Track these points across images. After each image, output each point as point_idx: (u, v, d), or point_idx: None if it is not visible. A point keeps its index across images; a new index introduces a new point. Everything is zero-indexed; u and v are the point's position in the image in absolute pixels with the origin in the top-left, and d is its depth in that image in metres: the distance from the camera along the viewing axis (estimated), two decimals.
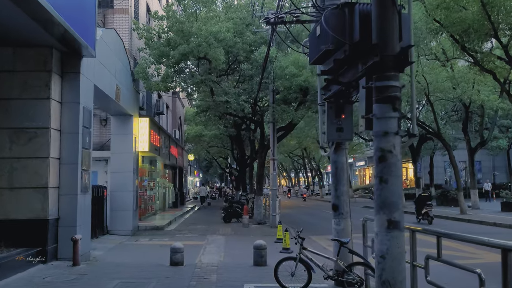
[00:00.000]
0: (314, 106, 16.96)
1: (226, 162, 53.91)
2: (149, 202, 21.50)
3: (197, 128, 37.05)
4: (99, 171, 16.58)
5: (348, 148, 7.75)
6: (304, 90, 16.65)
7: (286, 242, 12.24)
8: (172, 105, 31.30)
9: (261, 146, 19.00)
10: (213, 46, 15.44)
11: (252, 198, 23.18)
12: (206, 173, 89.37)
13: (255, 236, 15.73)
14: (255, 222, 18.77)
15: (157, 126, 19.76)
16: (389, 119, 5.37)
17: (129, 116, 15.88)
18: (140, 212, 19.20)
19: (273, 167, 17.52)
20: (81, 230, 9.91)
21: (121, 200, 15.55)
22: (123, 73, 14.66)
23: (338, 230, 7.43)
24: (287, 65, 16.22)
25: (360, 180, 64.18)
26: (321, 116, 7.98)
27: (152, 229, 17.01)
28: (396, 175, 5.33)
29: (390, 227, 5.26)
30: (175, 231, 17.05)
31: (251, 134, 23.12)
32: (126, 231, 15.55)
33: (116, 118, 15.85)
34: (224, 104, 16.99)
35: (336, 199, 7.53)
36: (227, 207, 20.98)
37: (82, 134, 10.07)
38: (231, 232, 16.69)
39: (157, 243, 13.94)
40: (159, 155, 19.98)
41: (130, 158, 15.82)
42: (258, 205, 18.74)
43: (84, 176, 10.28)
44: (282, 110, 16.59)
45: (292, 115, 16.59)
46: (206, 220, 21.77)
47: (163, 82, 16.09)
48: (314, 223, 21.35)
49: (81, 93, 10.02)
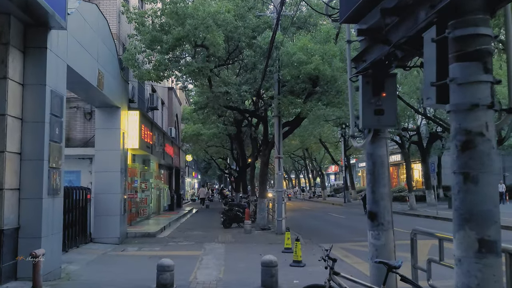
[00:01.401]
0: (325, 97, 15.14)
1: (225, 163, 52.04)
2: (141, 205, 19.61)
3: (195, 127, 35.28)
4: (83, 171, 14.70)
5: (388, 137, 5.89)
6: (314, 79, 14.80)
7: (297, 254, 10.39)
8: (168, 102, 29.43)
9: (264, 143, 17.13)
10: (211, 29, 13.59)
11: (254, 200, 21.30)
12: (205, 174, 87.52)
13: (259, 244, 13.88)
14: (258, 227, 16.90)
15: (149, 121, 17.89)
16: (478, 85, 3.54)
17: (116, 109, 14.02)
18: (130, 216, 17.31)
19: (279, 166, 15.66)
20: (48, 242, 8.04)
21: (107, 203, 13.70)
22: (108, 59, 12.81)
23: (377, 246, 5.55)
24: (294, 51, 14.36)
25: (363, 182, 62.30)
26: (352, 95, 6.14)
27: (142, 236, 15.12)
28: (489, 171, 3.49)
29: (483, 250, 3.44)
30: (169, 238, 15.16)
31: (252, 131, 21.21)
32: (112, 238, 13.68)
33: (101, 111, 13.99)
34: (223, 96, 15.14)
35: (374, 205, 5.66)
36: (226, 211, 19.12)
37: (50, 124, 8.20)
38: (232, 239, 14.83)
39: (146, 253, 12.06)
40: (152, 154, 18.10)
41: (117, 156, 13.95)
42: (262, 209, 16.87)
43: (53, 175, 8.40)
44: (289, 102, 14.73)
45: (300, 107, 14.72)
46: (204, 225, 19.89)
47: (155, 70, 14.21)
48: (321, 228, 19.50)
49: (49, 73, 8.15)
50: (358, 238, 15.54)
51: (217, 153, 44.15)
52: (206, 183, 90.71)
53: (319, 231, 18.48)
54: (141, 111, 15.69)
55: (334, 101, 14.97)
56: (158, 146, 19.62)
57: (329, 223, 22.00)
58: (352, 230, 18.42)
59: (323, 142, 43.18)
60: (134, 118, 15.06)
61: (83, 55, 10.34)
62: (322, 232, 17.83)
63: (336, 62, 14.54)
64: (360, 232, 17.55)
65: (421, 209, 28.26)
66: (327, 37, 14.81)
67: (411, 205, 28.69)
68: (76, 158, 14.66)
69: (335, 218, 24.63)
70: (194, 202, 47.80)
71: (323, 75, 14.41)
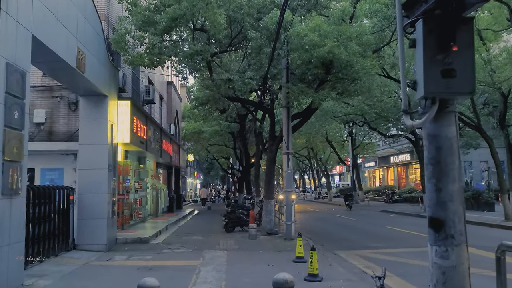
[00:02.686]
0: (339, 85, 13.40)
1: (228, 163, 50.36)
2: (135, 207, 17.91)
3: (196, 124, 33.70)
4: (66, 168, 13.02)
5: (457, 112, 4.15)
6: (327, 64, 13.07)
7: (314, 266, 8.65)
8: (168, 97, 27.75)
9: (271, 138, 15.39)
10: (211, 7, 11.88)
11: (260, 202, 19.57)
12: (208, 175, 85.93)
13: (265, 251, 12.15)
14: (264, 232, 15.16)
15: (143, 114, 16.19)
16: None
17: (103, 97, 12.34)
18: (122, 219, 15.63)
19: (288, 163, 13.91)
20: (2, 254, 6.34)
21: (92, 205, 12.01)
22: (92, 38, 11.12)
23: (445, 269, 3.79)
24: (306, 32, 12.65)
25: (370, 182, 60.50)
26: (403, 54, 4.37)
27: (133, 242, 13.40)
28: None
29: None
30: (163, 244, 13.43)
31: (258, 126, 19.41)
32: (98, 245, 11.98)
33: (86, 100, 12.30)
34: (225, 84, 13.42)
35: (439, 208, 3.90)
36: (229, 213, 17.40)
37: (5, 106, 6.50)
38: (235, 245, 13.10)
39: (135, 263, 10.34)
40: (147, 150, 16.39)
41: (104, 151, 12.26)
42: (268, 211, 15.12)
43: (10, 171, 6.69)
44: (299, 91, 12.98)
45: (312, 96, 12.97)
46: (204, 229, 18.16)
47: (148, 54, 12.50)
48: (333, 232, 17.76)
49: (4, 41, 6.45)
50: (375, 244, 13.79)
51: (220, 152, 42.53)
52: (209, 183, 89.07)
53: (330, 235, 16.74)
54: (133, 102, 13.98)
55: (350, 89, 13.22)
56: (154, 142, 17.92)
57: (340, 226, 20.26)
58: (366, 234, 16.68)
59: (329, 141, 41.45)
60: (124, 109, 13.37)
61: (56, 27, 8.64)
62: (334, 237, 16.10)
63: (353, 46, 12.83)
64: (375, 237, 15.81)
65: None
66: (342, 16, 13.10)
67: (425, 207, 26.77)
68: (59, 153, 13.00)
69: (345, 221, 22.89)
70: (196, 203, 46.20)
71: (338, 59, 12.69)
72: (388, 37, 15.55)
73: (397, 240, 14.89)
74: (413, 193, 39.00)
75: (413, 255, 11.53)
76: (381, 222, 21.83)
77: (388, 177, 54.87)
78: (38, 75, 13.22)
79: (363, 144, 44.40)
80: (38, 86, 13.25)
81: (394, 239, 15.10)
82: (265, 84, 14.28)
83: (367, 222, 21.65)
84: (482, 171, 39.59)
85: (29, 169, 13.21)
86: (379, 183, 57.13)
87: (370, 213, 28.70)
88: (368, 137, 43.90)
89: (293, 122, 15.25)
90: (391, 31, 15.68)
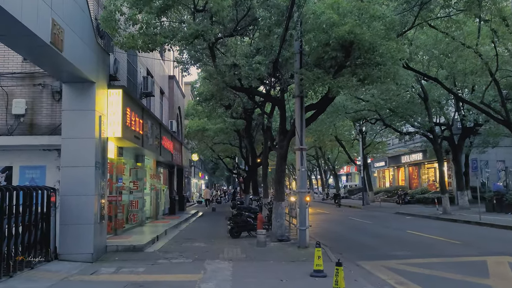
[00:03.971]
0: (361, 71, 11.69)
1: (233, 162, 48.74)
2: (131, 209, 16.28)
3: (199, 122, 32.17)
4: (49, 166, 11.40)
5: None
6: (347, 47, 11.38)
7: (340, 286, 6.99)
8: (169, 92, 26.14)
9: (282, 133, 13.68)
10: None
11: (268, 203, 17.90)
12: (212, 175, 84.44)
13: (277, 261, 10.50)
14: (274, 238, 13.46)
15: (139, 106, 14.54)
16: None
17: (89, 84, 10.72)
18: (115, 223, 14.02)
19: (301, 160, 12.21)
20: None
21: (77, 208, 10.42)
22: (73, 12, 9.50)
23: None
24: (322, 10, 10.97)
25: (379, 183, 58.63)
26: None
27: (126, 251, 11.74)
28: None
29: None
30: (160, 253, 11.77)
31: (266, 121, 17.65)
32: (84, 255, 10.38)
33: (70, 87, 10.69)
34: (230, 71, 11.76)
35: None
36: (234, 216, 15.76)
37: None
38: (241, 254, 11.43)
39: (124, 278, 8.71)
40: (143, 146, 14.74)
41: (91, 146, 10.64)
42: (278, 214, 13.42)
43: None
44: (315, 77, 11.28)
45: (330, 83, 11.27)
46: (208, 233, 16.50)
47: (142, 35, 10.87)
48: (349, 237, 16.08)
49: None
50: (400, 252, 12.09)
51: (224, 152, 40.95)
52: (214, 184, 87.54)
53: (347, 241, 15.05)
54: (125, 90, 12.34)
55: (373, 75, 11.51)
56: (152, 138, 16.28)
57: (356, 230, 18.54)
58: (387, 240, 14.97)
59: (339, 139, 39.73)
60: (115, 99, 11.74)
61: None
62: (352, 243, 14.41)
63: (376, 26, 11.15)
64: (397, 243, 14.09)
65: (455, 213, 24.72)
66: None
67: (445, 209, 25.09)
68: (41, 149, 11.40)
69: (359, 224, 21.17)
70: (201, 204, 44.69)
71: (359, 40, 10.99)
72: (410, 22, 13.90)
73: (423, 247, 13.20)
74: (427, 194, 37.21)
75: (448, 266, 9.85)
76: (399, 225, 20.11)
77: (398, 177, 53.05)
78: (18, 60, 11.65)
79: (373, 143, 42.64)
80: (17, 73, 11.66)
81: (419, 246, 13.40)
82: (276, 71, 12.58)
83: (384, 226, 19.94)
84: (499, 171, 37.72)
85: (7, 167, 11.67)
86: (389, 183, 55.30)
87: (384, 215, 26.98)
88: (379, 136, 42.18)
89: (308, 113, 13.55)
90: (413, 15, 14.02)
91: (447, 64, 19.79)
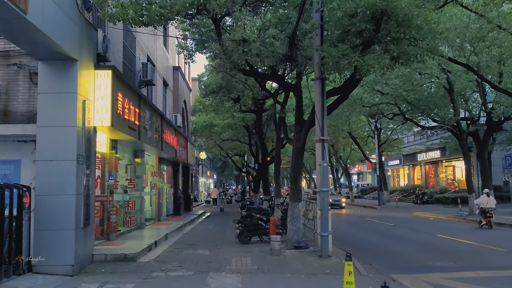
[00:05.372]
0: (394, 47, 9.77)
1: (242, 160, 46.92)
2: (128, 211, 14.47)
3: (207, 117, 30.44)
4: (24, 161, 9.63)
5: None
6: (378, 18, 9.51)
7: None
8: (174, 84, 24.37)
9: (298, 123, 11.79)
10: None
11: (281, 204, 16.04)
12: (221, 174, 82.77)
13: (295, 275, 8.66)
14: (289, 244, 11.58)
15: (135, 93, 12.73)
16: None
17: (70, 62, 8.96)
18: (108, 227, 12.25)
19: (322, 154, 10.32)
20: None
21: (55, 210, 8.68)
22: None
23: None
24: None
25: (393, 182, 56.46)
26: None
27: (115, 260, 9.93)
28: None
29: None
30: (156, 263, 9.95)
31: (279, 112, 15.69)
32: (63, 266, 8.63)
33: (46, 66, 8.95)
34: (239, 47, 9.91)
35: None
36: (244, 218, 13.96)
37: None
38: (252, 265, 9.60)
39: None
40: (140, 139, 12.94)
41: (72, 137, 8.88)
42: (295, 217, 11.54)
43: None
44: (340, 54, 9.41)
45: (358, 62, 9.38)
46: (214, 237, 14.68)
47: (133, 3, 9.10)
48: (373, 242, 14.16)
49: None
50: (440, 263, 10.20)
51: (233, 149, 39.15)
52: (223, 183, 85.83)
53: (373, 247, 13.15)
54: (116, 72, 10.54)
55: (409, 52, 9.61)
56: (152, 131, 14.49)
57: (378, 233, 16.62)
58: (418, 246, 13.06)
59: (353, 136, 37.76)
60: (104, 81, 9.95)
61: None
62: (379, 250, 12.50)
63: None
64: (431, 250, 12.16)
65: None
66: None
67: (471, 209, 23.05)
68: (15, 140, 9.64)
69: (380, 226, 19.24)
70: (209, 204, 43.02)
71: (393, 9, 9.11)
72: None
73: (464, 255, 11.30)
74: (446, 194, 35.12)
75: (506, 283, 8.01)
76: (425, 228, 18.18)
77: (414, 176, 50.92)
78: None
79: (389, 140, 40.56)
80: None
81: (459, 254, 11.50)
82: (292, 48, 10.69)
83: (408, 228, 18.01)
84: None
85: None
86: (404, 182, 53.18)
87: (404, 216, 25.04)
88: (395, 133, 40.09)
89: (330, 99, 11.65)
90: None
91: (480, 49, 17.72)
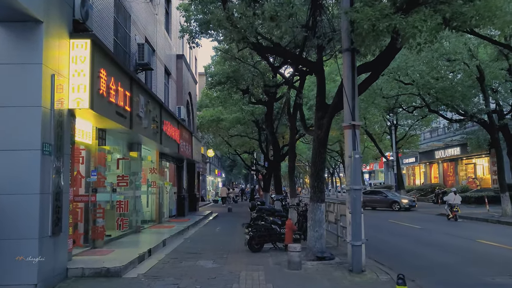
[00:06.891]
0: (446, 6, 7.66)
1: (252, 158, 44.96)
2: (120, 212, 12.50)
3: (214, 111, 28.69)
4: None
5: None
6: None
7: None
8: (177, 74, 22.42)
9: (320, 108, 9.69)
10: None
11: (297, 205, 13.97)
12: (230, 173, 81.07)
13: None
14: (310, 254, 9.48)
15: (125, 72, 10.70)
16: None
17: (33, 25, 7.00)
18: (93, 233, 10.27)
19: (353, 143, 8.23)
20: None
21: (11, 214, 6.72)
22: None
23: None
24: None
25: (408, 180, 54.12)
26: None
27: (95, 276, 7.95)
28: None
29: None
30: (146, 279, 7.93)
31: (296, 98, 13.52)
32: (23, 286, 6.67)
33: (1, 29, 7.01)
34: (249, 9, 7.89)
35: None
36: (255, 221, 11.98)
37: None
38: (266, 283, 7.53)
39: None
40: (132, 128, 10.93)
41: (36, 119, 6.91)
42: (317, 221, 9.47)
43: None
44: (377, 17, 7.32)
45: (400, 24, 7.28)
46: (220, 243, 12.65)
47: None
48: (406, 249, 12.02)
49: None
50: (503, 280, 8.11)
51: (242, 146, 37.26)
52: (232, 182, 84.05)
53: (407, 255, 11.05)
54: (97, 42, 8.54)
55: (465, 13, 7.53)
56: (148, 120, 12.51)
57: (408, 238, 14.48)
58: (460, 254, 10.94)
59: (369, 132, 35.67)
60: (81, 53, 7.97)
61: None
62: (416, 260, 10.35)
63: None
64: (480, 260, 10.06)
65: None
66: None
67: (505, 210, 20.93)
68: None
69: (407, 229, 17.12)
70: (217, 203, 41.18)
71: None
72: None
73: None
74: (468, 193, 32.81)
75: None
76: (457, 231, 16.06)
77: (431, 175, 48.63)
78: None
79: (407, 136, 38.35)
80: None
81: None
82: (316, 12, 8.61)
83: (439, 231, 15.90)
84: None
85: None
86: (420, 181, 50.86)
87: (429, 218, 22.99)
88: (412, 129, 37.86)
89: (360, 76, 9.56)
90: None
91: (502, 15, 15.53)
